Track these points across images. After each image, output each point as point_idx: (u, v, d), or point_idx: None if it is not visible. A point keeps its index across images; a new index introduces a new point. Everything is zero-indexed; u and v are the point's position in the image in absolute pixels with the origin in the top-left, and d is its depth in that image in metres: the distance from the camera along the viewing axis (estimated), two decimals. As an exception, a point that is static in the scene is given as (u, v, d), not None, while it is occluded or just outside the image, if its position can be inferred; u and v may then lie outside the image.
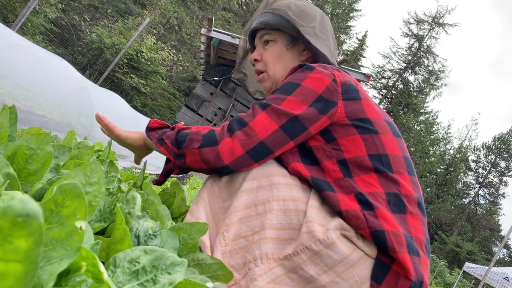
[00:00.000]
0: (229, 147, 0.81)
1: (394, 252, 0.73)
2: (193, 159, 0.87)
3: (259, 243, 0.82)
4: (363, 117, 0.89)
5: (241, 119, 0.85)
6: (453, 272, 17.57)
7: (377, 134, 0.87)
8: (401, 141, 0.92)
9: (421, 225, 0.83)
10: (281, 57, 1.08)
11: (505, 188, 30.27)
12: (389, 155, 0.86)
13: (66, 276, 0.39)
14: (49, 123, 2.00)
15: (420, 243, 0.80)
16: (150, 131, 0.97)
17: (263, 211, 0.85)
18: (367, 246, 0.76)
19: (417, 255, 0.76)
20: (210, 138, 0.84)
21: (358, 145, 0.85)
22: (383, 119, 0.91)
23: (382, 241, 0.74)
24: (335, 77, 0.89)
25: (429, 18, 26.76)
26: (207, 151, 0.83)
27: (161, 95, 15.51)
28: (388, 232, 0.74)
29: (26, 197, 0.23)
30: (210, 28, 7.43)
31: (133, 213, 0.69)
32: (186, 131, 0.90)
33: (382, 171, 0.83)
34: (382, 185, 0.82)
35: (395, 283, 0.73)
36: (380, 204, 0.79)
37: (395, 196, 0.81)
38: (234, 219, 0.87)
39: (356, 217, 0.77)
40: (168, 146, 0.90)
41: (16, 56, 1.85)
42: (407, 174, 0.87)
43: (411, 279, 0.73)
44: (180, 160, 0.89)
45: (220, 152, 0.81)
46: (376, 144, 0.86)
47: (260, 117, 0.84)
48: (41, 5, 9.89)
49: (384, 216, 0.77)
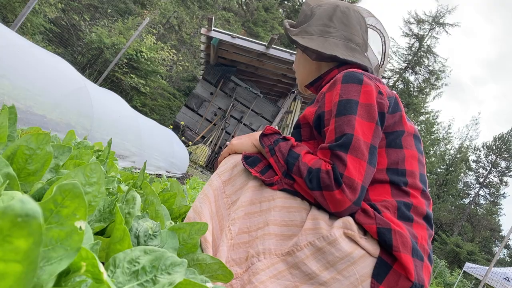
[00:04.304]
0: (338, 199, 0.78)
1: (397, 252, 0.74)
2: (301, 189, 0.85)
3: (262, 238, 0.84)
4: (398, 130, 0.90)
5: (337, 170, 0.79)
6: (454, 272, 17.58)
7: (401, 149, 0.89)
8: (422, 157, 0.93)
9: (426, 235, 0.84)
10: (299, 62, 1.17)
11: (505, 188, 30.32)
12: (407, 170, 0.88)
13: (66, 276, 0.39)
14: (48, 123, 2.00)
15: (424, 251, 0.80)
16: (263, 137, 0.95)
17: (267, 208, 0.87)
18: (369, 245, 0.77)
19: (420, 259, 0.77)
20: (318, 180, 0.80)
21: (381, 158, 0.88)
22: (413, 133, 0.93)
23: (387, 239, 0.75)
24: (380, 89, 0.90)
25: (429, 18, 26.76)
26: (316, 194, 0.81)
27: (161, 95, 15.50)
28: (394, 231, 0.75)
29: (26, 197, 0.23)
30: (210, 28, 7.43)
31: (133, 213, 0.69)
32: (296, 151, 0.87)
33: (396, 183, 0.85)
34: (393, 195, 0.84)
35: (396, 283, 0.74)
36: (387, 210, 0.81)
37: (404, 205, 0.83)
38: (240, 214, 0.88)
39: (365, 212, 0.79)
40: (278, 161, 0.88)
41: (15, 56, 1.85)
42: (420, 190, 0.88)
43: (412, 281, 0.73)
44: (288, 180, 0.87)
45: (327, 201, 0.79)
46: (398, 159, 0.88)
47: (351, 162, 0.80)
48: (41, 5, 9.89)
49: (391, 220, 0.78)
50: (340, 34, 1.07)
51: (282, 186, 0.88)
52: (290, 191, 0.87)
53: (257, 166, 0.93)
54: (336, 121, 0.86)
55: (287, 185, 0.87)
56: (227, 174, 0.97)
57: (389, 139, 0.89)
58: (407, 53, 26.96)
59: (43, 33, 10.43)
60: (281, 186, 0.88)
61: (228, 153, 1.04)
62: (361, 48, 1.09)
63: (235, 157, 1.00)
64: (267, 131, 0.96)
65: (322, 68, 1.12)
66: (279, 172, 0.89)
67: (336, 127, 0.85)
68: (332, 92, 0.90)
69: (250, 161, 0.94)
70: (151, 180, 1.80)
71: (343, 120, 0.85)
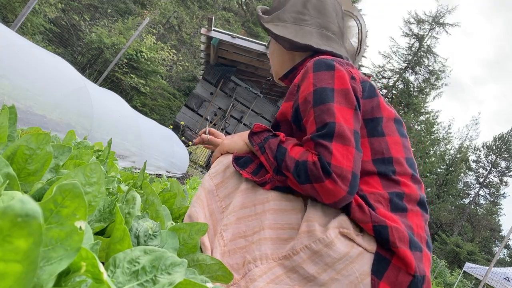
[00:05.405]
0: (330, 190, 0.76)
1: (395, 247, 0.74)
2: (294, 185, 0.83)
3: (258, 243, 0.82)
4: (377, 116, 0.88)
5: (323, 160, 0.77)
6: (454, 272, 17.57)
7: (383, 137, 0.87)
8: (406, 141, 0.91)
9: (422, 222, 0.83)
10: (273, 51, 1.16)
11: (505, 188, 30.29)
12: (393, 158, 0.86)
13: (65, 276, 0.39)
14: (48, 123, 2.00)
15: (421, 239, 0.80)
16: (252, 135, 0.93)
17: (261, 211, 0.86)
18: (366, 242, 0.77)
19: (419, 250, 0.77)
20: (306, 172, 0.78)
21: (365, 149, 0.85)
22: (393, 118, 0.91)
23: (384, 236, 0.74)
24: (352, 74, 0.88)
25: (429, 18, 26.73)
26: (307, 188, 0.79)
27: (161, 95, 15.50)
28: (391, 228, 0.75)
29: (26, 197, 0.23)
30: (210, 27, 7.43)
31: (133, 213, 0.69)
32: (284, 146, 0.85)
33: (384, 174, 0.84)
34: (384, 186, 0.83)
35: (396, 277, 0.73)
36: (380, 205, 0.80)
37: (396, 195, 0.82)
38: (232, 219, 0.87)
39: (361, 208, 0.78)
40: (269, 159, 0.86)
41: (15, 56, 1.85)
42: (409, 175, 0.87)
43: (412, 274, 0.73)
44: (279, 176, 0.85)
45: (319, 193, 0.78)
46: (382, 147, 0.86)
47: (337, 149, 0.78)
48: (41, 5, 9.89)
49: (385, 215, 0.78)
50: (315, 21, 1.04)
51: (274, 184, 0.86)
52: (283, 188, 0.86)
53: (249, 167, 0.91)
54: (315, 111, 0.83)
55: (279, 182, 0.85)
56: (219, 177, 0.96)
57: (369, 127, 0.87)
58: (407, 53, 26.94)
59: (43, 33, 10.43)
60: (274, 183, 0.86)
61: (220, 153, 1.02)
62: (337, 36, 1.06)
63: (227, 158, 0.98)
64: (256, 129, 0.93)
65: (295, 58, 1.08)
66: (270, 169, 0.87)
67: (316, 117, 0.83)
68: (305, 83, 0.88)
69: (241, 162, 0.93)
70: (151, 180, 1.80)
71: (322, 109, 0.82)
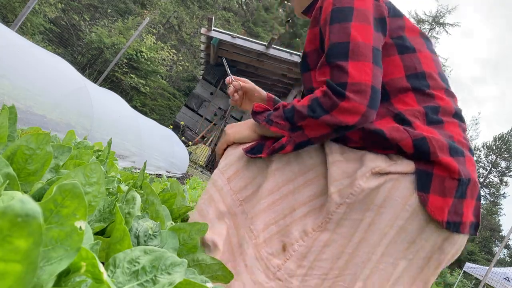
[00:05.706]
0: (348, 109, 0.75)
1: (436, 157, 0.74)
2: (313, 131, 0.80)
3: (294, 224, 0.83)
4: (403, 35, 0.88)
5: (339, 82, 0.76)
6: (454, 272, 17.56)
7: (414, 53, 0.87)
8: (436, 57, 0.92)
9: (460, 131, 0.84)
10: None
11: (505, 188, 30.28)
12: (426, 72, 0.86)
13: (65, 276, 0.39)
14: (48, 123, 2.00)
15: (463, 145, 0.80)
16: (255, 115, 0.92)
17: (287, 192, 0.86)
18: (402, 166, 0.77)
19: (461, 155, 0.77)
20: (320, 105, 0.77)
21: (397, 66, 0.86)
22: (419, 36, 0.91)
23: (424, 148, 0.75)
24: None
25: (429, 18, 26.75)
26: (327, 119, 0.77)
27: (161, 95, 15.50)
28: (429, 139, 0.75)
29: (26, 197, 0.23)
30: (210, 27, 7.43)
31: (133, 213, 0.69)
32: (289, 107, 0.84)
33: (419, 89, 0.84)
34: (419, 102, 0.83)
35: (442, 185, 0.74)
36: (416, 119, 0.80)
37: (432, 109, 0.82)
38: (261, 207, 0.87)
39: (397, 130, 0.78)
40: (279, 124, 0.85)
41: (15, 56, 1.85)
42: (443, 89, 0.87)
43: (457, 178, 0.73)
44: (296, 132, 0.82)
45: (340, 118, 0.75)
46: (414, 63, 0.86)
47: (353, 67, 0.76)
48: (41, 5, 9.89)
49: (422, 129, 0.78)
50: None
51: (294, 142, 0.83)
52: (304, 143, 0.83)
53: (264, 151, 0.89)
54: (330, 30, 0.82)
55: (297, 138, 0.83)
56: (232, 169, 0.94)
57: (399, 45, 0.87)
58: (407, 53, 26.94)
59: (43, 33, 10.43)
60: (293, 142, 0.83)
61: (226, 145, 1.00)
62: None
63: (236, 149, 0.96)
64: (258, 109, 0.93)
65: None
66: (285, 132, 0.84)
67: (331, 37, 0.81)
68: (325, 3, 0.87)
69: (255, 150, 0.91)
70: (151, 180, 1.80)
71: (337, 28, 0.81)
